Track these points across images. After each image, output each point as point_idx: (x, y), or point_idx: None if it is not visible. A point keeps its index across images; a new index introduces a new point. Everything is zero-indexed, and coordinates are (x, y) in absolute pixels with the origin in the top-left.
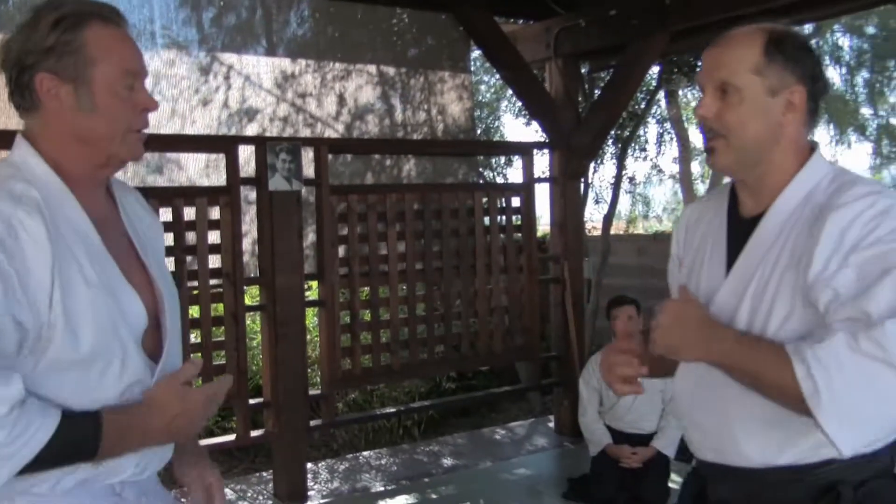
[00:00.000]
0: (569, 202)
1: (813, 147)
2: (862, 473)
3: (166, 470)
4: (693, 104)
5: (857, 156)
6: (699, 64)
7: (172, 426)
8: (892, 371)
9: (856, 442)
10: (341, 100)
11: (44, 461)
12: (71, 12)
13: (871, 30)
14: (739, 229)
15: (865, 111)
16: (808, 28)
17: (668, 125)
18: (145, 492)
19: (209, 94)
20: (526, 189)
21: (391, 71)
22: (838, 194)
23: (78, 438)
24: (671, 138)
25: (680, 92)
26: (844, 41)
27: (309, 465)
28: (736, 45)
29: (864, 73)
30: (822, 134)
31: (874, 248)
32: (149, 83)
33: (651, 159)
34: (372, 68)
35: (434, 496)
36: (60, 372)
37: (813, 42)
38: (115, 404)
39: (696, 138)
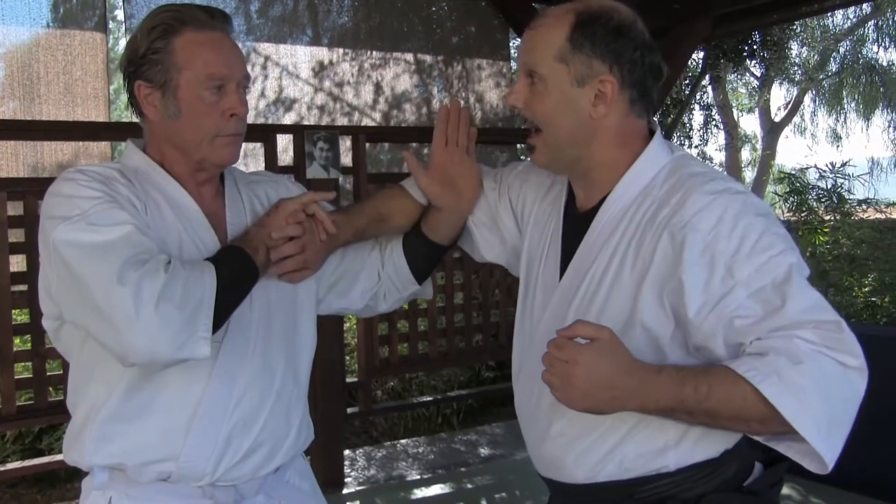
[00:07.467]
0: None
1: (652, 132)
2: (699, 487)
3: None
4: (741, 90)
5: None
6: (746, 49)
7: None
8: (841, 367)
9: (835, 448)
10: (378, 88)
11: (231, 291)
12: (165, 20)
13: None
14: (575, 225)
15: None
16: (867, 7)
17: (713, 112)
18: (245, 495)
19: None
20: None
21: (428, 59)
22: (682, 204)
23: (235, 263)
24: (717, 125)
25: (730, 77)
26: None
27: (347, 452)
28: (543, 29)
29: None
30: (880, 119)
31: (751, 260)
32: None
33: (696, 147)
34: (409, 56)
35: (470, 486)
36: None
37: (871, 23)
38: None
39: (744, 125)
